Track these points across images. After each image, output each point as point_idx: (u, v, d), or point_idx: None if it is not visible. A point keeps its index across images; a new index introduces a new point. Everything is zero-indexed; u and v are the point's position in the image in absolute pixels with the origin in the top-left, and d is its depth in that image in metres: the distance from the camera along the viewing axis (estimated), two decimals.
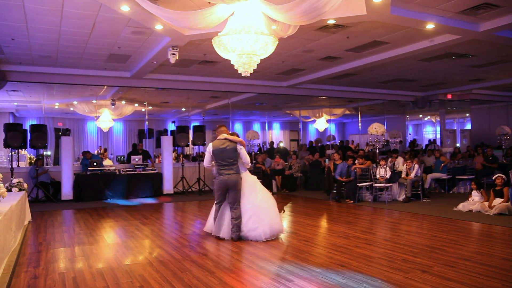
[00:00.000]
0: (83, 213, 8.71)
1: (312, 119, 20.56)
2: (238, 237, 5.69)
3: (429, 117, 21.85)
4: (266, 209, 5.76)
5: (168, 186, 11.76)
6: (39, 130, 10.86)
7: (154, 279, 4.11)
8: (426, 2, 6.81)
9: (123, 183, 11.04)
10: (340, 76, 12.51)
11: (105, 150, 15.37)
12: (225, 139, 5.87)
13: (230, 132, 6.25)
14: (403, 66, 11.59)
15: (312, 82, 13.40)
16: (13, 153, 10.80)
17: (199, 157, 12.98)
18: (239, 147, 5.84)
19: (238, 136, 6.23)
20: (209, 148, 5.90)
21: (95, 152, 14.95)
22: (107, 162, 12.99)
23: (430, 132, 23.09)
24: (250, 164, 5.98)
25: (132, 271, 4.42)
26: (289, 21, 5.58)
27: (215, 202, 5.96)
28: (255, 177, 6.14)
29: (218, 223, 5.87)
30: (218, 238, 5.83)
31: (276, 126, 24.40)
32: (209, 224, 6.11)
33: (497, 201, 7.59)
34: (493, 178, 8.00)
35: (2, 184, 5.47)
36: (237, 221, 5.69)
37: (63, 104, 15.26)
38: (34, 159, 11.68)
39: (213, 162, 5.98)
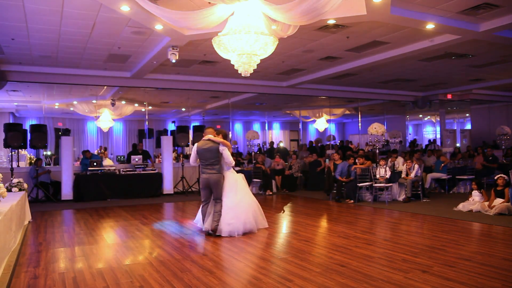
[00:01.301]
0: (83, 213, 8.71)
1: (312, 119, 20.55)
2: (215, 228, 5.96)
3: (429, 117, 21.84)
4: (243, 208, 6.09)
5: (168, 186, 11.76)
6: (39, 130, 10.86)
7: (154, 279, 4.11)
8: (426, 2, 6.81)
9: (123, 183, 11.04)
10: (340, 76, 12.50)
11: (105, 149, 15.37)
12: (209, 140, 6.16)
13: (216, 131, 6.47)
14: (403, 66, 11.59)
15: (312, 82, 13.39)
16: (13, 153, 10.80)
17: None
18: (221, 147, 6.12)
19: (226, 135, 6.45)
20: (194, 147, 6.30)
21: (96, 152, 14.95)
22: (107, 162, 12.99)
23: (430, 132, 23.08)
24: (233, 163, 6.30)
25: (132, 271, 4.42)
26: (289, 21, 5.58)
27: (202, 201, 6.36)
28: (239, 176, 6.39)
29: (206, 220, 6.22)
30: (208, 234, 6.10)
31: (276, 126, 24.39)
32: (197, 218, 6.64)
33: (498, 201, 7.59)
34: (495, 178, 7.98)
35: (2, 184, 5.47)
36: (217, 213, 6.03)
37: (63, 104, 15.26)
38: (34, 159, 11.68)
39: (198, 160, 6.33)
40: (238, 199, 6.09)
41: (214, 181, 6.08)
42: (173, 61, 8.53)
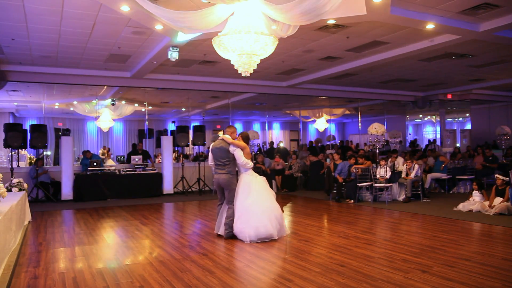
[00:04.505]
0: (83, 213, 8.71)
1: (312, 119, 20.56)
2: (228, 236, 5.82)
3: (429, 117, 21.84)
4: (255, 212, 5.66)
5: (168, 186, 11.76)
6: (39, 130, 10.86)
7: (154, 279, 4.11)
8: (426, 2, 6.81)
9: (123, 183, 11.04)
10: (340, 76, 12.50)
11: (109, 150, 15.36)
12: (222, 139, 6.04)
13: (237, 133, 6.24)
14: (403, 66, 11.59)
15: (312, 82, 13.39)
16: (13, 153, 10.80)
17: (200, 157, 12.99)
18: (232, 148, 5.90)
19: (246, 137, 6.16)
20: (210, 147, 6.21)
21: (99, 152, 14.93)
22: (110, 162, 12.96)
23: (430, 132, 23.07)
24: (248, 165, 5.90)
25: (132, 271, 4.42)
26: (289, 21, 5.57)
27: (218, 202, 6.27)
28: (255, 178, 5.97)
29: (218, 221, 6.12)
30: (218, 235, 6.05)
31: (276, 126, 24.39)
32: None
33: (498, 200, 7.59)
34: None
35: (2, 184, 5.47)
36: (228, 220, 5.85)
37: (63, 104, 15.26)
38: (34, 159, 11.68)
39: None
40: (249, 203, 5.69)
41: (224, 182, 5.89)
42: (173, 59, 8.51)
